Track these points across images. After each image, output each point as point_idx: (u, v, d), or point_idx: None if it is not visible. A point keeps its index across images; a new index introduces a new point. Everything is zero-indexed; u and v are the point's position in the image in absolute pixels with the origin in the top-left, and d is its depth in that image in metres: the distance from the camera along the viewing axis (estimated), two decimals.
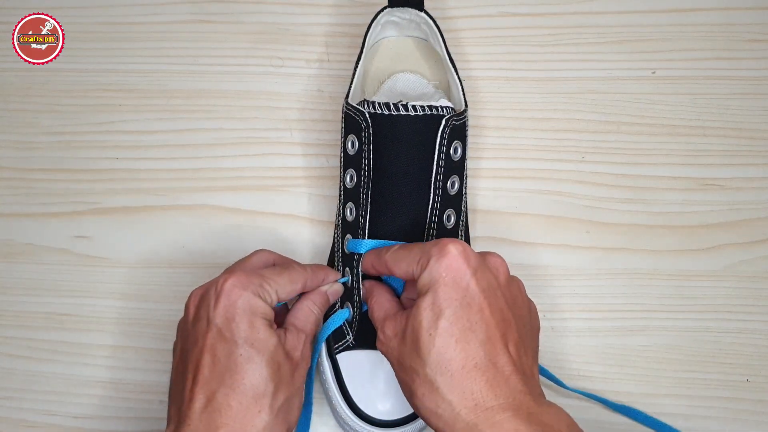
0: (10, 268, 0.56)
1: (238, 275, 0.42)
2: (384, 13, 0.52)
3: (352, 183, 0.47)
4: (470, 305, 0.38)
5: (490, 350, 0.38)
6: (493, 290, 0.40)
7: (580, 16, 0.59)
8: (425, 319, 0.39)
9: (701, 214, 0.54)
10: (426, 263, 0.40)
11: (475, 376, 0.37)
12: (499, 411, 0.37)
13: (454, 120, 0.46)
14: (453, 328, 0.38)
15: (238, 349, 0.40)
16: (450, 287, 0.39)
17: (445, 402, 0.37)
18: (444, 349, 0.38)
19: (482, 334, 0.38)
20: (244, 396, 0.40)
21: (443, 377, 0.38)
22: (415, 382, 0.39)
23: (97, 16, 0.60)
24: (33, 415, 0.53)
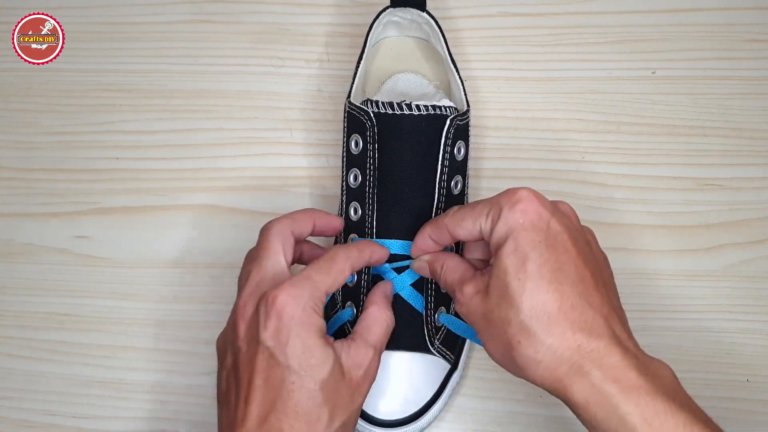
0: (10, 268, 0.56)
1: (288, 289, 0.39)
2: (386, 13, 0.52)
3: (356, 182, 0.47)
4: (555, 245, 0.37)
5: (583, 290, 0.36)
6: (574, 231, 0.38)
7: (580, 16, 0.59)
8: (511, 265, 0.37)
9: (701, 214, 0.54)
10: (498, 214, 0.38)
11: (573, 318, 0.36)
12: (606, 352, 0.35)
13: (458, 120, 0.46)
14: (542, 270, 0.36)
15: (291, 376, 0.38)
16: (530, 230, 0.37)
17: (545, 346, 0.36)
18: (537, 293, 0.36)
19: (573, 274, 0.37)
20: (297, 421, 0.38)
21: (540, 321, 0.36)
22: (509, 332, 0.37)
23: (97, 16, 0.60)
24: (33, 415, 0.53)
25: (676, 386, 0.36)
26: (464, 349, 0.50)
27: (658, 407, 0.34)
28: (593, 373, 0.35)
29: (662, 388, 0.35)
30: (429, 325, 0.47)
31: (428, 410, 0.47)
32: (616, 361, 0.35)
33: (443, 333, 0.48)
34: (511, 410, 0.51)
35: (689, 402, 0.36)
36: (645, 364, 0.36)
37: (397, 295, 0.47)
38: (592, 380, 0.35)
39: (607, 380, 0.35)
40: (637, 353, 0.36)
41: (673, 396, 0.35)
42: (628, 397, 0.34)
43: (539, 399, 0.51)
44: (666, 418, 0.34)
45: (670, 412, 0.34)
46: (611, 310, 0.37)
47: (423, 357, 0.47)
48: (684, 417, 0.34)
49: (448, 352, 0.48)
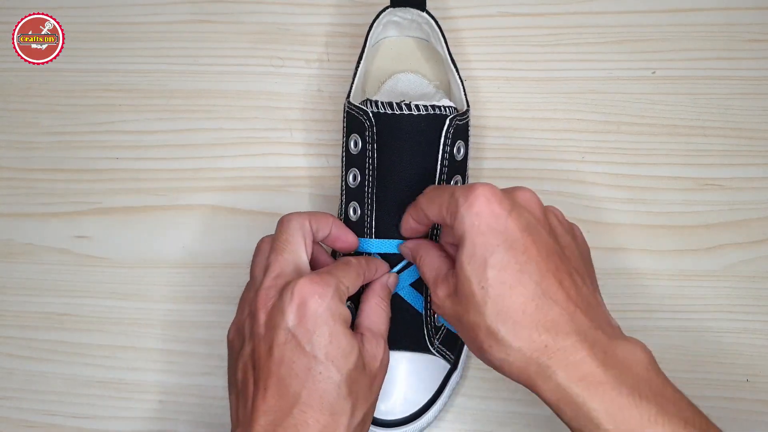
0: (10, 268, 0.56)
1: (313, 278, 0.39)
2: (386, 13, 0.52)
3: (355, 182, 0.47)
4: (514, 247, 0.37)
5: (546, 289, 0.36)
6: (533, 226, 0.38)
7: (580, 16, 0.59)
8: (472, 273, 0.37)
9: (701, 214, 0.54)
10: (455, 210, 0.38)
11: (538, 318, 0.36)
12: (571, 351, 0.35)
13: (457, 120, 0.46)
14: (503, 274, 0.36)
15: (318, 366, 0.38)
16: (487, 234, 0.37)
17: (514, 350, 0.36)
18: (500, 299, 0.36)
19: (535, 274, 0.36)
20: (322, 414, 0.38)
21: (506, 326, 0.36)
22: (479, 337, 0.37)
23: (97, 16, 0.60)
24: (33, 415, 0.53)
25: (647, 374, 0.36)
26: (464, 349, 0.50)
27: (622, 401, 0.34)
28: (559, 373, 0.35)
29: (629, 379, 0.35)
30: (429, 325, 0.47)
31: (428, 410, 0.47)
32: (581, 359, 0.35)
33: (443, 333, 0.48)
34: (511, 410, 0.51)
35: (661, 389, 0.36)
36: (614, 355, 0.36)
37: (396, 295, 0.47)
38: (558, 380, 0.35)
39: (572, 380, 0.35)
40: (606, 344, 0.36)
41: (641, 387, 0.35)
42: (593, 395, 0.35)
43: (539, 399, 0.51)
44: (630, 412, 0.34)
45: (635, 405, 0.34)
46: (579, 303, 0.37)
47: (423, 357, 0.47)
48: (649, 408, 0.34)
49: (447, 352, 0.48)
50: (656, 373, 0.36)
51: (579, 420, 0.35)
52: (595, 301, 0.39)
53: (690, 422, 0.34)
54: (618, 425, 0.34)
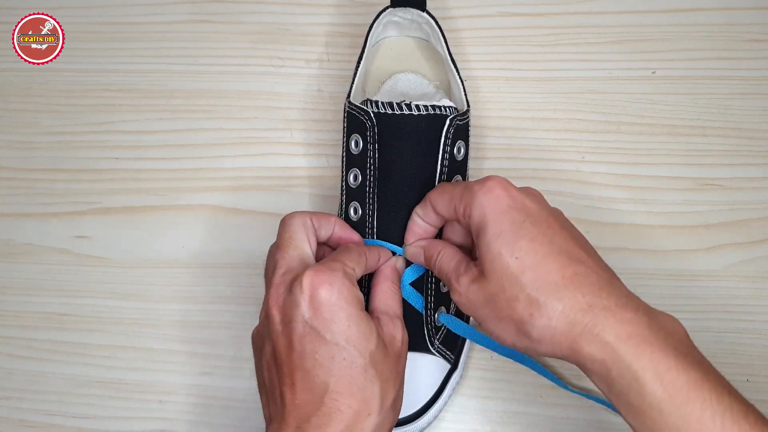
0: (10, 268, 0.56)
1: (319, 268, 0.39)
2: (386, 13, 0.52)
3: (356, 182, 0.47)
4: (539, 222, 0.38)
5: (579, 257, 0.37)
6: (548, 209, 0.40)
7: (580, 16, 0.59)
8: (504, 247, 0.37)
9: (701, 214, 0.54)
10: (471, 200, 0.39)
11: (579, 281, 0.36)
12: (617, 311, 0.35)
13: (458, 120, 0.46)
14: (536, 244, 0.37)
15: (341, 352, 0.38)
16: (510, 212, 0.38)
17: (557, 312, 0.36)
18: (538, 265, 0.37)
19: (564, 246, 0.37)
20: (353, 399, 0.38)
21: (547, 290, 0.36)
22: (518, 309, 0.37)
23: (97, 16, 0.60)
24: (33, 415, 0.53)
25: (688, 343, 0.37)
26: (464, 349, 0.50)
27: (670, 363, 0.34)
28: (606, 331, 0.35)
29: (674, 344, 0.35)
30: (429, 324, 0.47)
31: (428, 410, 0.47)
32: (629, 318, 0.35)
33: (443, 333, 0.48)
34: (511, 410, 0.51)
35: (702, 359, 0.36)
36: (657, 320, 0.36)
37: None
38: (606, 338, 0.35)
39: (620, 338, 0.35)
40: (648, 310, 0.37)
41: (686, 352, 0.35)
42: (640, 354, 0.35)
43: (539, 399, 0.51)
44: (678, 374, 0.34)
45: (682, 368, 0.34)
46: (612, 275, 0.38)
47: (423, 357, 0.47)
48: (696, 373, 0.34)
49: (448, 352, 0.48)
50: (694, 345, 0.37)
51: (623, 379, 0.35)
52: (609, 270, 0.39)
53: (732, 392, 0.34)
54: (665, 386, 0.34)
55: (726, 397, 0.34)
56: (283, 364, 0.39)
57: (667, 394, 0.34)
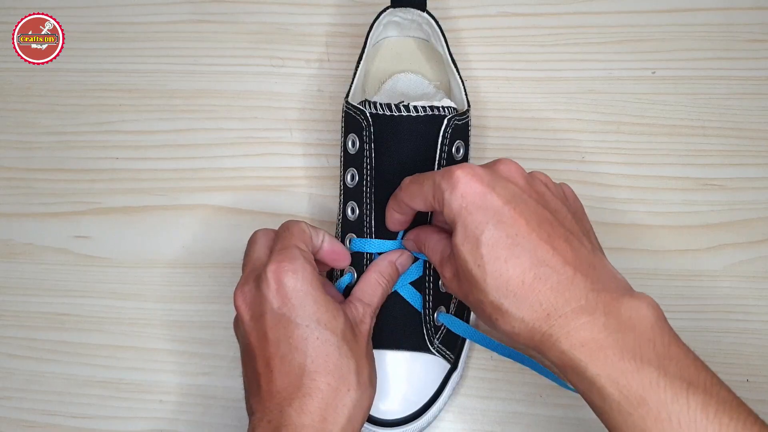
0: (10, 268, 0.56)
1: (278, 258, 0.41)
2: (386, 13, 0.52)
3: (353, 182, 0.47)
4: (502, 221, 0.37)
5: (542, 257, 0.37)
6: (518, 197, 0.38)
7: (580, 16, 0.59)
8: (467, 254, 0.38)
9: (701, 214, 0.54)
10: (441, 198, 0.39)
11: (538, 288, 0.36)
12: (572, 317, 0.36)
13: (456, 120, 0.46)
14: (496, 250, 0.37)
15: (313, 332, 0.40)
16: (474, 213, 0.37)
17: (517, 320, 0.37)
18: (498, 273, 0.37)
19: (528, 245, 0.37)
20: (332, 377, 0.39)
21: (507, 299, 0.37)
22: (485, 312, 0.38)
23: (97, 16, 0.60)
24: (33, 415, 0.53)
25: (651, 333, 0.36)
26: (464, 349, 0.50)
27: (624, 366, 0.34)
28: (562, 340, 0.36)
29: (631, 342, 0.35)
30: (428, 324, 0.47)
31: (428, 410, 0.47)
32: (582, 324, 0.35)
33: (443, 332, 0.48)
34: (511, 410, 0.51)
35: (666, 350, 0.35)
36: (617, 316, 0.36)
37: (396, 294, 0.47)
38: (562, 347, 0.36)
39: (574, 346, 0.35)
40: (609, 305, 0.36)
41: (644, 349, 0.35)
42: (594, 360, 0.35)
43: (539, 399, 0.51)
44: (632, 377, 0.34)
45: (636, 370, 0.34)
46: (577, 266, 0.37)
47: (422, 356, 0.47)
48: (650, 372, 0.34)
49: (447, 352, 0.48)
50: (661, 330, 0.36)
51: (582, 384, 0.36)
52: (596, 259, 0.39)
53: (693, 382, 0.34)
54: (620, 390, 0.34)
55: (683, 393, 0.33)
56: (258, 356, 0.40)
57: (623, 396, 0.34)
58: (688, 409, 0.33)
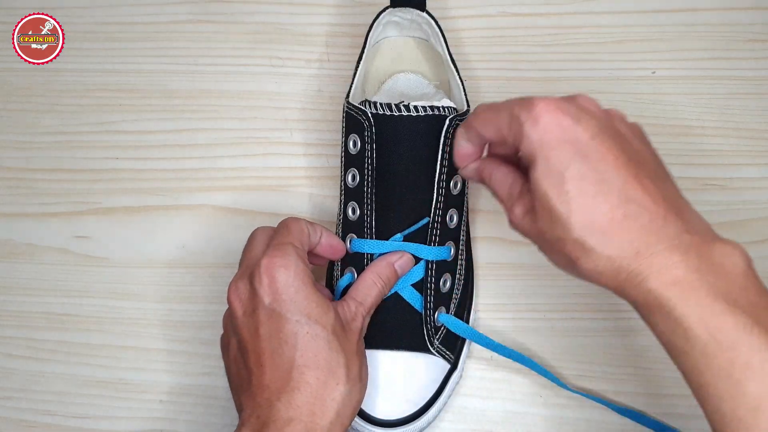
0: (10, 268, 0.56)
1: (271, 253, 0.41)
2: (386, 13, 0.52)
3: (354, 182, 0.47)
4: (588, 155, 0.35)
5: (632, 194, 0.35)
6: (604, 132, 0.36)
7: (580, 16, 0.59)
8: (551, 189, 0.36)
9: (701, 214, 0.54)
10: (519, 130, 0.36)
11: (628, 225, 0.35)
12: (665, 256, 0.34)
13: (457, 120, 0.46)
14: (584, 185, 0.35)
15: (304, 327, 0.40)
16: (558, 147, 0.35)
17: (603, 258, 0.35)
18: (585, 210, 0.35)
19: (617, 180, 0.35)
20: (321, 371, 0.40)
21: (594, 236, 0.35)
22: (566, 250, 0.36)
23: (97, 16, 0.60)
24: (33, 415, 0.53)
25: (744, 281, 0.34)
26: (464, 349, 0.50)
27: (716, 308, 0.33)
28: (651, 278, 0.34)
29: (725, 286, 0.34)
30: (428, 324, 0.47)
31: (428, 410, 0.47)
32: (675, 263, 0.34)
33: (443, 333, 0.48)
34: (511, 410, 0.51)
35: (758, 299, 0.34)
36: (709, 259, 0.34)
37: (396, 294, 0.47)
38: (650, 286, 0.34)
39: (664, 284, 0.34)
40: (701, 248, 0.35)
41: (737, 294, 0.34)
42: (686, 301, 0.34)
43: (539, 399, 0.51)
44: (725, 320, 0.33)
45: (729, 313, 0.33)
46: (668, 206, 0.35)
47: (422, 357, 0.47)
48: (744, 318, 0.33)
49: (447, 352, 0.48)
50: (753, 280, 0.35)
51: (669, 326, 0.34)
52: (684, 202, 0.37)
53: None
54: (711, 333, 0.33)
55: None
56: (250, 351, 0.41)
57: (712, 338, 0.33)
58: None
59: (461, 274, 0.49)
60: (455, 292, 0.49)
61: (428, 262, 0.47)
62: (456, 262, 0.49)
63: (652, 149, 0.39)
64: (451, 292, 0.48)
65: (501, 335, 0.52)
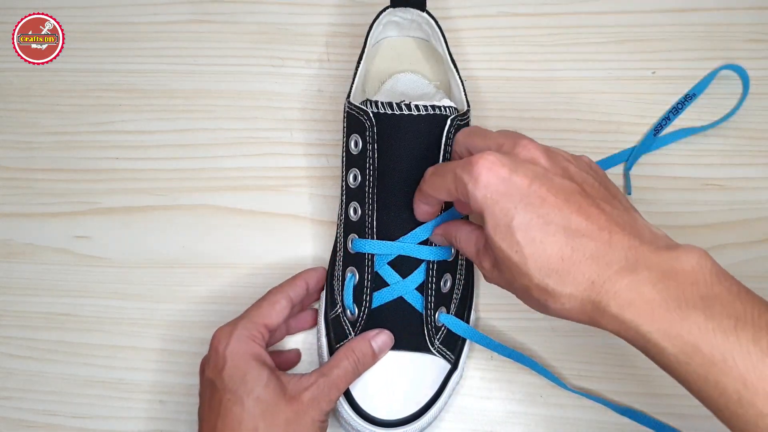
0: (10, 268, 0.56)
1: (224, 328, 0.46)
2: (386, 13, 0.52)
3: (356, 182, 0.47)
4: (530, 203, 0.37)
5: (576, 228, 0.36)
6: (541, 176, 0.38)
7: (580, 16, 0.59)
8: (503, 242, 0.37)
9: (701, 214, 0.54)
10: (465, 190, 0.38)
11: (577, 260, 0.36)
12: (616, 280, 0.35)
13: (458, 120, 0.46)
14: (530, 232, 0.37)
15: (227, 394, 0.43)
16: (501, 201, 0.37)
17: (565, 297, 0.36)
18: (537, 255, 0.36)
19: (560, 220, 0.37)
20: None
21: (551, 278, 0.36)
22: (534, 295, 0.38)
23: (97, 16, 0.60)
24: (33, 415, 0.53)
25: (694, 277, 0.35)
26: (464, 349, 0.50)
27: (671, 317, 0.34)
28: (611, 304, 0.35)
29: (675, 291, 0.34)
30: (429, 325, 0.47)
31: (428, 410, 0.47)
32: (627, 284, 0.35)
33: (443, 333, 0.48)
34: (511, 410, 0.51)
35: (710, 290, 0.35)
36: (659, 269, 0.35)
37: (398, 296, 0.47)
38: (612, 312, 0.35)
39: (623, 307, 0.35)
40: (650, 259, 0.35)
41: (688, 295, 0.34)
42: (644, 317, 0.34)
43: (539, 399, 0.51)
44: (681, 326, 0.33)
45: (683, 318, 0.34)
46: (613, 227, 0.36)
47: (423, 357, 0.47)
48: (697, 317, 0.33)
49: (448, 352, 0.48)
50: (702, 271, 0.35)
51: (639, 343, 0.35)
52: (631, 218, 0.38)
53: (740, 317, 0.33)
54: (673, 342, 0.34)
55: (732, 330, 0.33)
56: (198, 416, 0.46)
57: (677, 348, 0.34)
58: (739, 346, 0.32)
59: (461, 274, 0.49)
60: (456, 292, 0.49)
61: (429, 262, 0.47)
62: (456, 262, 0.49)
63: (600, 177, 0.41)
64: (452, 292, 0.48)
65: (501, 335, 0.52)
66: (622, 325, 0.35)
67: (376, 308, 0.47)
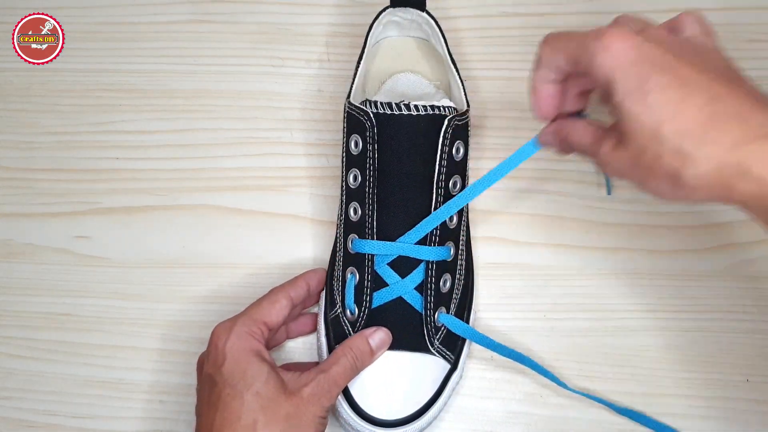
0: (10, 268, 0.56)
1: (223, 323, 0.45)
2: (386, 13, 0.52)
3: (356, 183, 0.47)
4: (665, 68, 0.36)
5: (717, 93, 0.35)
6: (675, 47, 0.37)
7: (580, 16, 0.59)
8: (635, 106, 0.36)
9: (702, 214, 0.54)
10: (589, 59, 0.37)
11: (720, 119, 0.34)
12: (762, 142, 0.34)
13: (456, 120, 0.46)
14: (668, 93, 0.35)
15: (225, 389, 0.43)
16: (633, 67, 0.36)
17: (703, 159, 0.34)
18: (674, 115, 0.35)
19: (699, 84, 0.35)
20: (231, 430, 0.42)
21: (690, 139, 0.35)
22: (665, 165, 0.36)
23: (97, 16, 0.60)
24: (33, 415, 0.53)
25: None
26: (464, 349, 0.50)
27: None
28: (756, 165, 0.34)
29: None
30: (428, 325, 0.47)
31: (428, 410, 0.47)
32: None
33: (443, 333, 0.48)
34: (511, 410, 0.51)
35: None
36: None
37: (398, 296, 0.47)
38: (758, 173, 0.34)
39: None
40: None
41: None
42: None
43: (539, 399, 0.51)
44: None
45: None
46: (752, 101, 0.35)
47: (423, 357, 0.47)
48: None
49: (447, 352, 0.48)
50: None
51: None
52: (764, 96, 0.37)
53: None
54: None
55: None
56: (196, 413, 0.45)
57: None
58: None
59: (461, 274, 0.49)
60: (455, 292, 0.49)
61: (428, 262, 0.47)
62: (456, 262, 0.49)
63: (721, 56, 0.39)
64: (451, 292, 0.48)
65: (501, 335, 0.52)
66: (765, 187, 0.34)
67: (376, 308, 0.47)
